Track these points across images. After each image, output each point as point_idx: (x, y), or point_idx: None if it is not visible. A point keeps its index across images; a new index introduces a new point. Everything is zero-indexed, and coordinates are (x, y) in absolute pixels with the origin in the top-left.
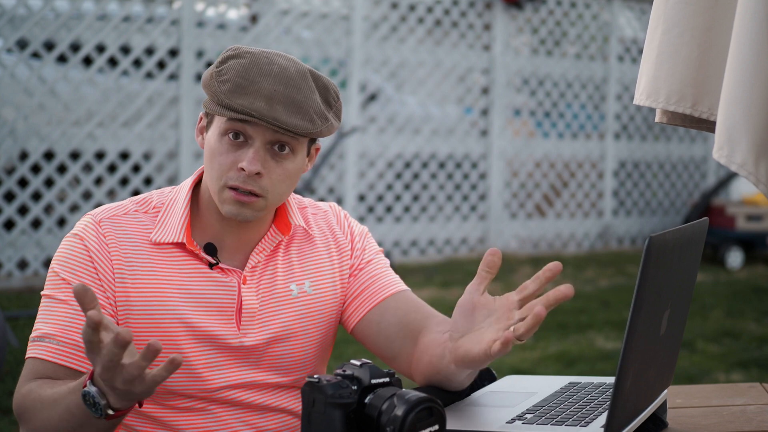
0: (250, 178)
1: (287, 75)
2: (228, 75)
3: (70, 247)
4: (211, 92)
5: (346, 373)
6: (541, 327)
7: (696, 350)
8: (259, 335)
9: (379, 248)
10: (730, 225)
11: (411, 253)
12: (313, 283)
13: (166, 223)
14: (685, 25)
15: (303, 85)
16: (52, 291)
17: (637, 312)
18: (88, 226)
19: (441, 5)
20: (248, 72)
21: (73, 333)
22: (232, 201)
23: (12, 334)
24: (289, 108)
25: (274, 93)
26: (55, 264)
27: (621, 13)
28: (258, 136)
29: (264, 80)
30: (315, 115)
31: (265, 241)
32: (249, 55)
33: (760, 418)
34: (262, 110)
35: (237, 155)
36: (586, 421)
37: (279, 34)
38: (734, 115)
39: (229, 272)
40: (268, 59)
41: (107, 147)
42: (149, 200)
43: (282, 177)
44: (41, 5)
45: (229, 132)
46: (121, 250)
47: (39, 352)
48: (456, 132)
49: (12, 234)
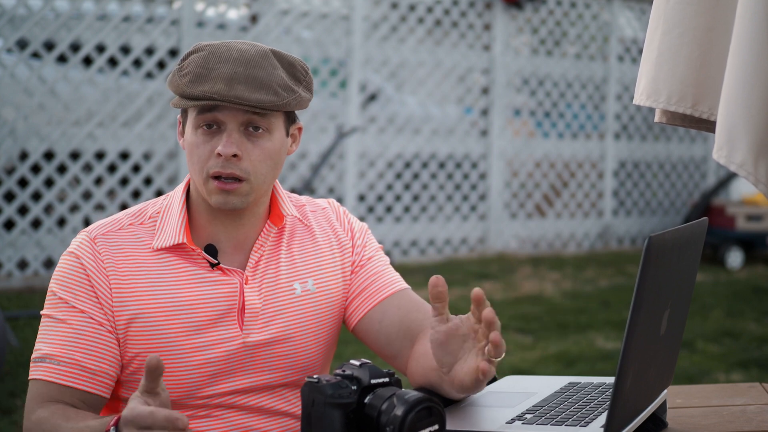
0: (228, 162)
1: (247, 57)
2: (188, 68)
3: (66, 266)
4: (174, 88)
5: (345, 373)
6: (541, 327)
7: (696, 350)
8: (261, 335)
9: (378, 245)
10: (730, 225)
11: (411, 253)
12: (317, 280)
13: (164, 229)
14: (685, 26)
15: (265, 63)
16: (50, 311)
17: (637, 312)
18: (83, 244)
19: (441, 5)
20: (207, 61)
21: (73, 353)
22: (217, 190)
23: (12, 334)
24: (250, 85)
25: (234, 74)
26: (53, 284)
27: (621, 13)
28: (229, 120)
29: (223, 65)
30: (279, 88)
31: (262, 237)
32: (209, 47)
33: (760, 418)
34: (223, 91)
35: (213, 143)
36: (586, 421)
37: (279, 34)
38: (734, 115)
39: (230, 273)
40: (228, 47)
41: (107, 147)
42: (144, 211)
43: (261, 157)
44: (41, 5)
45: (201, 123)
46: (117, 266)
47: (42, 374)
48: (456, 132)
49: (12, 234)
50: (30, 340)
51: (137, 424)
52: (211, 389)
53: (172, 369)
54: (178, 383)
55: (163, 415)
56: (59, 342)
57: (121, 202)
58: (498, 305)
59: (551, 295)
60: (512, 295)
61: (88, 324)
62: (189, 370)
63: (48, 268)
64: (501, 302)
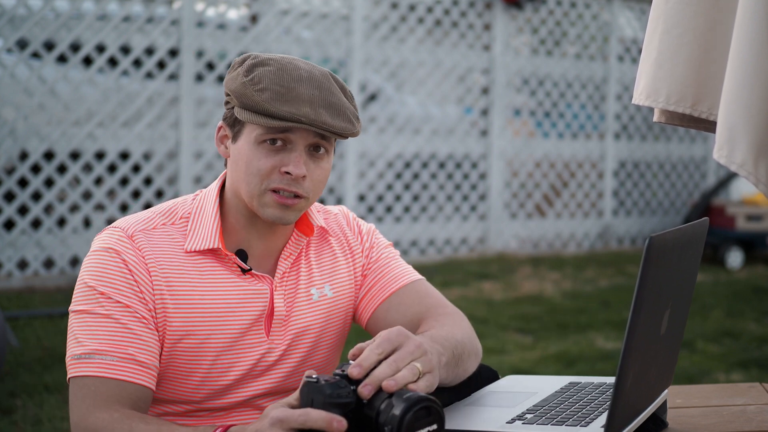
0: (294, 181)
1: (316, 78)
2: (263, 83)
3: (104, 261)
4: (248, 101)
5: (344, 372)
6: (541, 327)
7: (696, 350)
8: (284, 341)
9: (387, 242)
10: (730, 225)
11: (411, 253)
12: (333, 286)
13: (197, 232)
14: (685, 26)
15: (332, 87)
16: (88, 306)
17: (637, 312)
18: (121, 240)
19: (441, 5)
20: (281, 79)
21: (127, 347)
22: (276, 204)
23: (12, 334)
24: (330, 111)
25: (313, 98)
26: (88, 278)
27: (621, 13)
28: (300, 140)
29: (300, 86)
30: (351, 116)
31: (290, 246)
32: (272, 62)
33: (760, 418)
34: (310, 115)
35: (277, 159)
36: (586, 421)
37: (279, 34)
38: (734, 115)
39: (260, 278)
40: (292, 64)
41: (107, 147)
42: (174, 211)
43: (321, 177)
44: (41, 5)
45: (267, 139)
46: (157, 263)
47: (95, 370)
48: (456, 132)
49: (12, 234)
50: (30, 340)
51: (287, 425)
52: (234, 392)
53: (201, 372)
54: (203, 387)
55: (321, 416)
56: (108, 337)
57: (121, 202)
58: (498, 305)
59: (551, 295)
60: (512, 295)
61: (136, 319)
62: (217, 373)
63: (48, 268)
64: (501, 302)
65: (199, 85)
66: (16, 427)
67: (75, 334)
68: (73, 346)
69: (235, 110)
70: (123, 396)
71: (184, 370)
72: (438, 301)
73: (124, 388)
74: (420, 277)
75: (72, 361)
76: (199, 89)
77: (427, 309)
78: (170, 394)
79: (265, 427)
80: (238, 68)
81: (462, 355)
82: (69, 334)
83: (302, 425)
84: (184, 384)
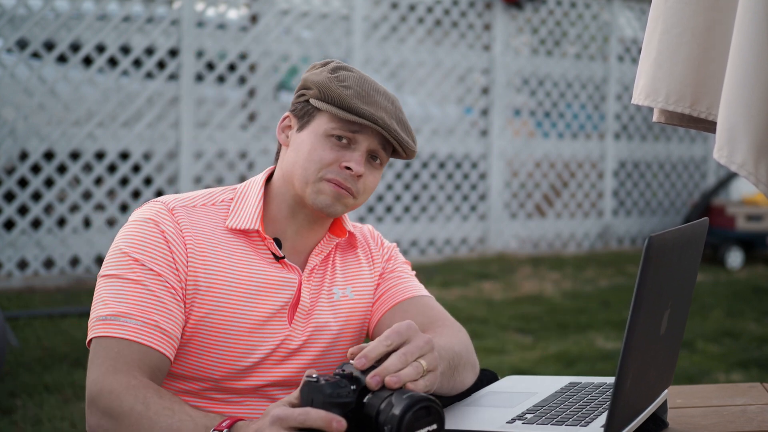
0: (351, 177)
1: (390, 96)
2: (348, 82)
3: (142, 228)
4: (331, 93)
5: (344, 372)
6: (541, 327)
7: (696, 350)
8: (304, 333)
9: (405, 260)
10: (730, 225)
11: (411, 253)
12: (355, 288)
13: (241, 211)
14: (684, 26)
15: (401, 108)
16: (120, 271)
17: (637, 312)
18: (161, 212)
19: (441, 5)
20: (362, 85)
21: (152, 314)
22: (330, 191)
23: (12, 334)
24: (400, 125)
25: (388, 109)
26: (123, 245)
27: (621, 13)
28: (365, 143)
29: (377, 95)
30: (414, 138)
31: (323, 244)
32: (355, 70)
33: (760, 418)
34: (386, 120)
35: (340, 154)
36: (586, 421)
37: (279, 34)
38: (734, 115)
39: (291, 268)
40: (370, 78)
41: (107, 147)
42: (213, 195)
43: (372, 184)
44: (41, 5)
45: (336, 133)
46: (195, 238)
47: (118, 332)
48: (456, 132)
49: (12, 234)
50: (30, 340)
51: (286, 423)
52: (251, 376)
53: (223, 350)
54: (222, 366)
55: (321, 415)
56: (135, 302)
57: (121, 202)
58: (498, 305)
59: (551, 295)
60: (512, 295)
61: (165, 287)
62: (238, 354)
63: (48, 269)
64: (501, 302)
65: (199, 85)
66: (16, 427)
67: (102, 297)
68: (99, 308)
69: (312, 101)
70: (143, 361)
71: (206, 347)
72: (441, 315)
73: (146, 353)
74: (428, 295)
75: (96, 322)
76: (199, 89)
77: (429, 321)
78: (189, 370)
79: (265, 425)
80: (322, 68)
81: (458, 366)
82: (95, 298)
83: (302, 424)
84: (204, 360)
